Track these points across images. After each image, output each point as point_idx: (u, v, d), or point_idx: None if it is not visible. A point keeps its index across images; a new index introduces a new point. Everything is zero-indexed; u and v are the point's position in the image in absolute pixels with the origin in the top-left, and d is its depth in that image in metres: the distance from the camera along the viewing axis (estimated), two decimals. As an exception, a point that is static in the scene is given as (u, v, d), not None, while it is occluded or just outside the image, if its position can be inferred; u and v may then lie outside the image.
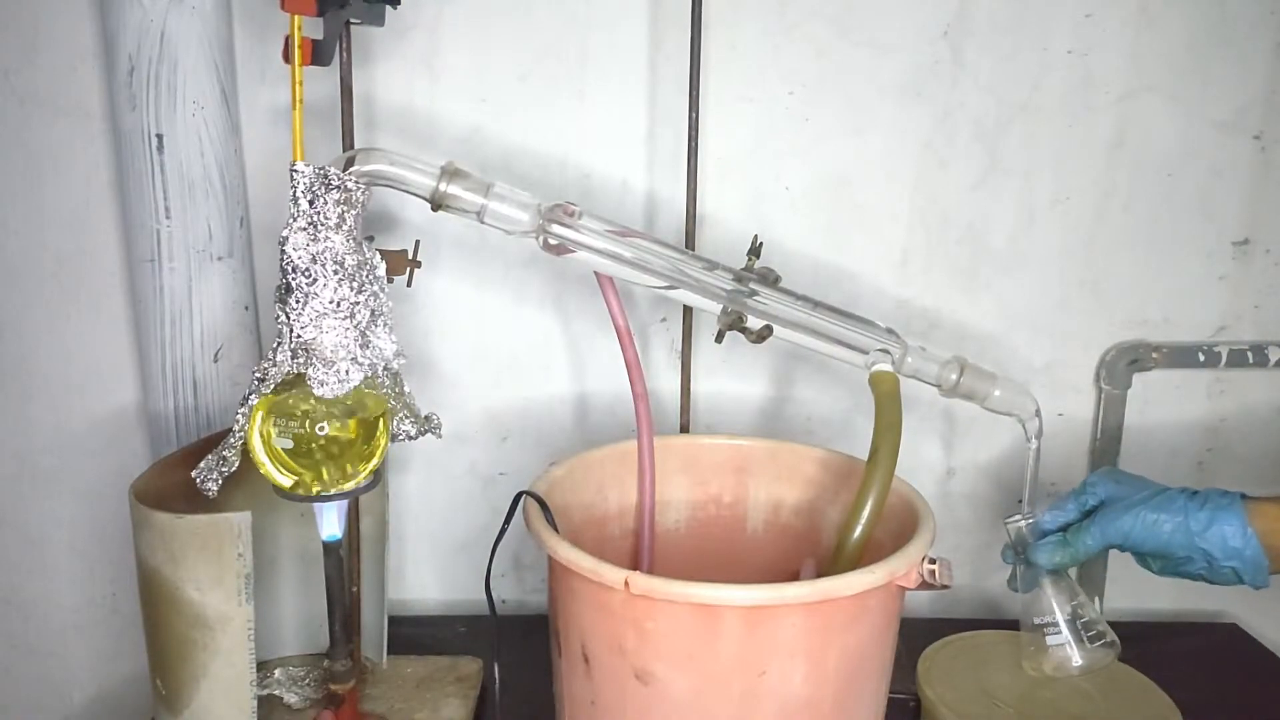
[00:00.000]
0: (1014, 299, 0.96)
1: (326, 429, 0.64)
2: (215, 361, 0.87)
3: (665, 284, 0.72)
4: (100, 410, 0.95)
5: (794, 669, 0.60)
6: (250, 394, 0.64)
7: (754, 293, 0.73)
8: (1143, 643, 0.93)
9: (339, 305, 0.63)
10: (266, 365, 0.64)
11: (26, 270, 0.91)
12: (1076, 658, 0.76)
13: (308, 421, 0.64)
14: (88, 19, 0.86)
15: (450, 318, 0.95)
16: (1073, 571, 0.79)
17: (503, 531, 0.68)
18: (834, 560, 0.66)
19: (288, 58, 0.68)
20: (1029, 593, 0.78)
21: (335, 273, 0.63)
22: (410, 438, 0.70)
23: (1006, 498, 1.00)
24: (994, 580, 0.83)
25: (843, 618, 0.60)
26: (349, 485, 0.65)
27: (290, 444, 0.64)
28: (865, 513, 0.65)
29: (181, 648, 0.67)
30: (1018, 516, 0.78)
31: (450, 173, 0.68)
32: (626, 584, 0.57)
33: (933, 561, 0.62)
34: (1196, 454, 1.00)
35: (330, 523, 0.69)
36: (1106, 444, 0.98)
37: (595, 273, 0.73)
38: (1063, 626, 0.76)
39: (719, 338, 0.73)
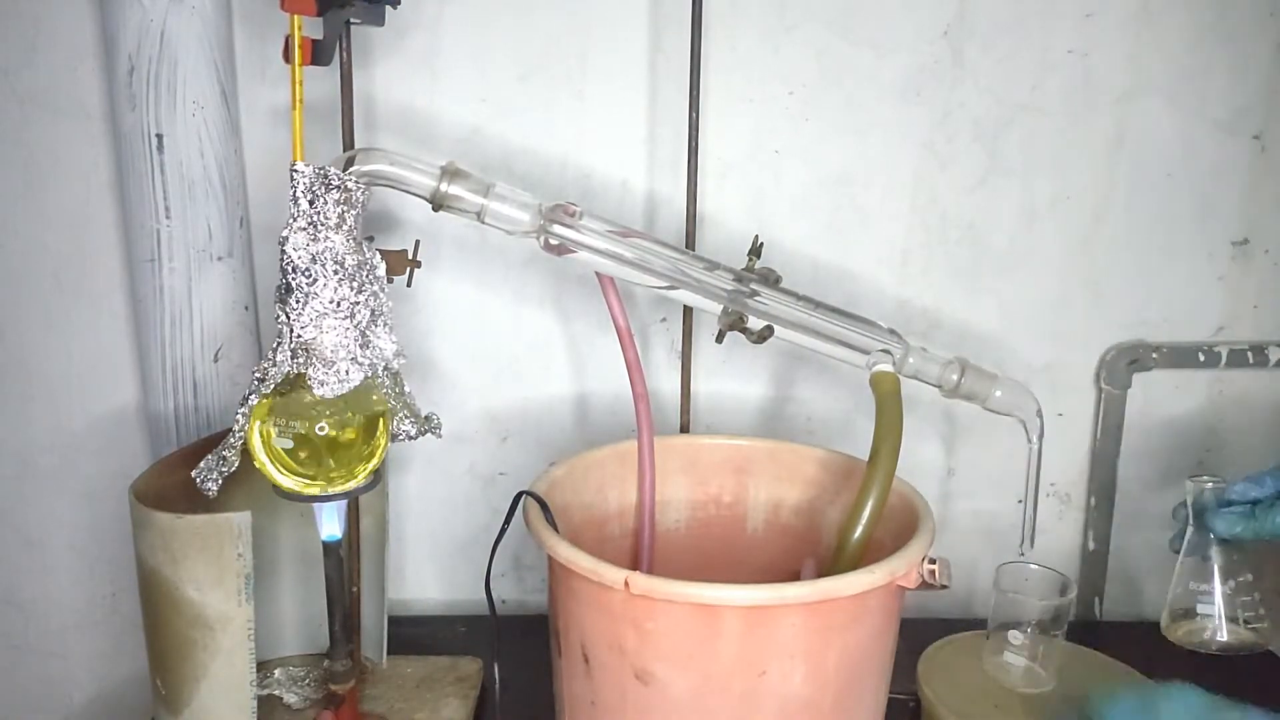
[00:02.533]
0: (1014, 299, 0.96)
1: (326, 429, 0.64)
2: (215, 361, 0.87)
3: (666, 284, 0.72)
4: (100, 410, 0.95)
5: (794, 669, 0.60)
6: (250, 394, 0.64)
7: (755, 293, 0.73)
8: (1143, 643, 0.93)
9: (339, 305, 0.63)
10: (266, 365, 0.64)
11: (26, 270, 0.91)
12: (1222, 633, 0.75)
13: (308, 421, 0.64)
14: (88, 19, 0.86)
15: (450, 318, 0.95)
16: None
17: (503, 531, 0.68)
18: (834, 560, 0.66)
19: (288, 58, 0.68)
20: (1190, 557, 0.77)
21: (335, 273, 0.63)
22: (410, 438, 0.70)
23: (1006, 498, 1.00)
24: (993, 580, 0.83)
25: (843, 618, 0.60)
26: (349, 485, 0.65)
27: (290, 444, 0.64)
28: (866, 513, 0.65)
29: (181, 648, 0.67)
30: (1205, 477, 0.77)
31: (451, 173, 0.68)
32: (626, 584, 0.57)
33: (932, 561, 0.62)
34: (1196, 454, 1.00)
35: (330, 523, 0.69)
36: (1106, 444, 0.98)
37: (596, 273, 0.73)
38: (1218, 599, 0.75)
39: (719, 338, 0.73)
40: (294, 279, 0.62)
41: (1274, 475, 0.75)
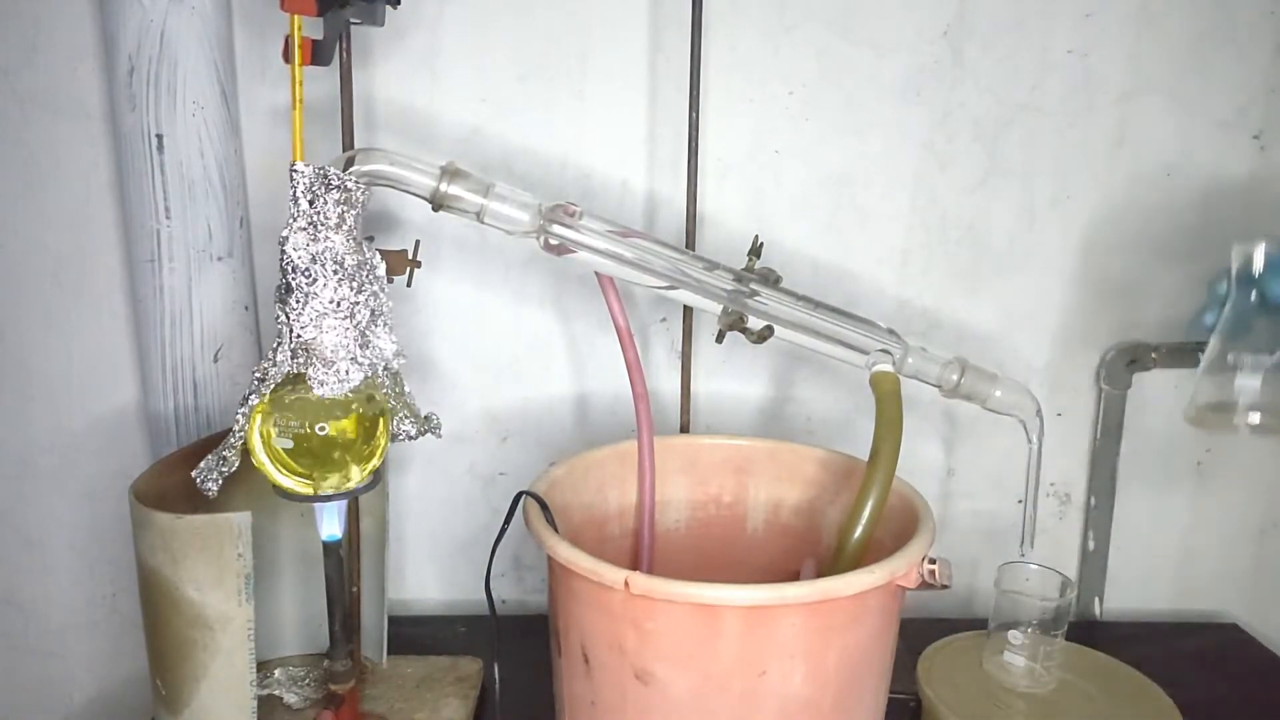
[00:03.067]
0: (1014, 299, 0.96)
1: (326, 429, 0.64)
2: (215, 361, 0.87)
3: (666, 284, 0.72)
4: (100, 410, 0.95)
5: (794, 669, 0.60)
6: (250, 394, 0.64)
7: (754, 293, 0.73)
8: (1143, 643, 0.93)
9: (339, 305, 0.63)
10: (266, 365, 0.64)
11: (26, 270, 0.91)
12: (1256, 415, 0.69)
13: (308, 421, 0.64)
14: (88, 19, 0.86)
15: (450, 318, 0.95)
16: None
17: (503, 531, 0.68)
18: (834, 560, 0.66)
19: (288, 58, 0.68)
20: (1225, 333, 0.72)
21: (335, 273, 0.63)
22: (410, 438, 0.70)
23: (1006, 498, 1.00)
24: (993, 580, 0.83)
25: (843, 618, 0.60)
26: (349, 485, 0.65)
27: (290, 444, 0.64)
28: (866, 513, 0.65)
29: (181, 648, 0.67)
30: (1261, 241, 0.71)
31: (451, 173, 0.68)
32: (626, 584, 0.57)
33: (932, 561, 0.62)
34: (1196, 454, 1.01)
35: (330, 523, 0.69)
36: (1106, 444, 0.98)
37: (595, 273, 0.73)
38: (1261, 373, 0.69)
39: (719, 338, 0.73)
40: (294, 279, 0.62)
41: None
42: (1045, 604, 0.80)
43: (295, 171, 0.62)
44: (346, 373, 0.64)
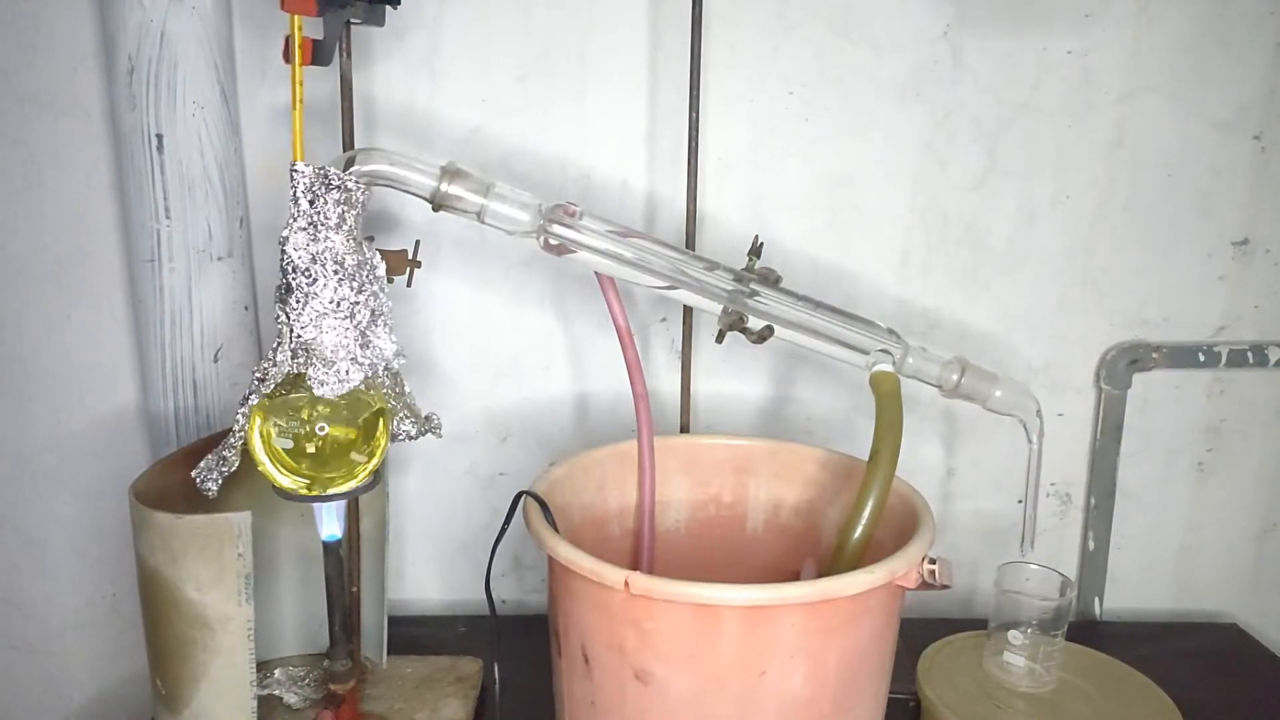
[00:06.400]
0: (1014, 299, 0.96)
1: (326, 429, 0.64)
2: (215, 361, 0.87)
3: (666, 284, 0.72)
4: (100, 410, 0.95)
5: (794, 669, 0.60)
6: (250, 394, 0.64)
7: (754, 293, 0.73)
8: (1143, 643, 0.93)
9: (339, 305, 0.63)
10: (266, 365, 0.64)
11: (26, 270, 0.91)
12: None
13: (308, 422, 0.64)
14: (88, 19, 0.86)
15: (450, 318, 0.95)
16: None
17: (503, 531, 0.68)
18: (834, 560, 0.66)
19: (288, 58, 0.68)
20: None
21: (335, 273, 0.63)
22: (410, 438, 0.70)
23: (1006, 498, 1.00)
24: (993, 580, 0.83)
25: (843, 618, 0.60)
26: (349, 485, 0.65)
27: (290, 444, 0.64)
28: (866, 513, 0.65)
29: (181, 648, 0.67)
30: None
31: (451, 173, 0.68)
32: (626, 584, 0.57)
33: (932, 561, 0.62)
34: (1196, 454, 1.01)
35: (330, 523, 0.69)
36: (1106, 444, 0.98)
37: (596, 273, 0.73)
38: None
39: (719, 338, 0.73)
40: (294, 279, 0.62)
41: None
42: (1045, 604, 0.80)
43: (295, 171, 0.62)
44: (346, 373, 0.64)
